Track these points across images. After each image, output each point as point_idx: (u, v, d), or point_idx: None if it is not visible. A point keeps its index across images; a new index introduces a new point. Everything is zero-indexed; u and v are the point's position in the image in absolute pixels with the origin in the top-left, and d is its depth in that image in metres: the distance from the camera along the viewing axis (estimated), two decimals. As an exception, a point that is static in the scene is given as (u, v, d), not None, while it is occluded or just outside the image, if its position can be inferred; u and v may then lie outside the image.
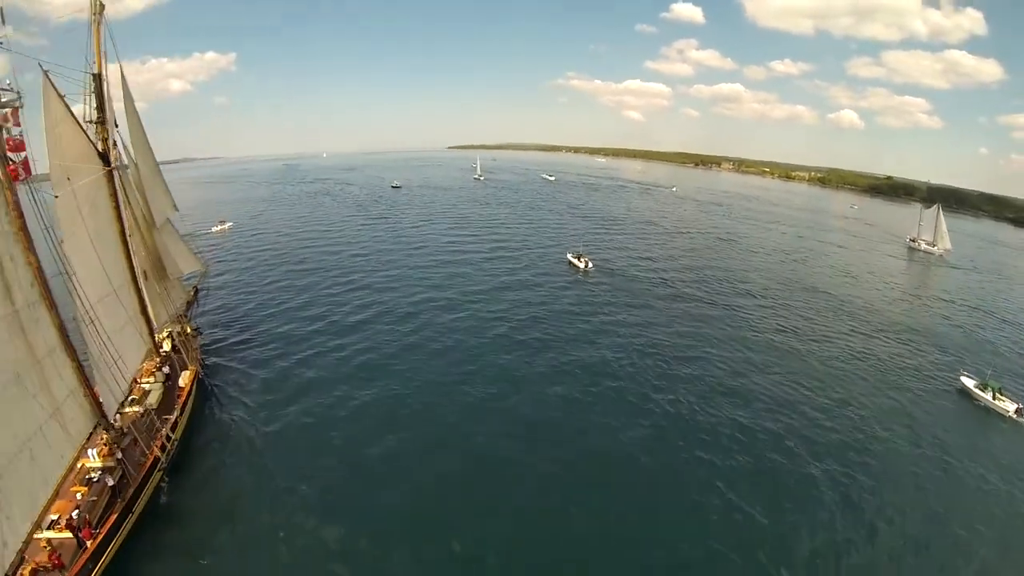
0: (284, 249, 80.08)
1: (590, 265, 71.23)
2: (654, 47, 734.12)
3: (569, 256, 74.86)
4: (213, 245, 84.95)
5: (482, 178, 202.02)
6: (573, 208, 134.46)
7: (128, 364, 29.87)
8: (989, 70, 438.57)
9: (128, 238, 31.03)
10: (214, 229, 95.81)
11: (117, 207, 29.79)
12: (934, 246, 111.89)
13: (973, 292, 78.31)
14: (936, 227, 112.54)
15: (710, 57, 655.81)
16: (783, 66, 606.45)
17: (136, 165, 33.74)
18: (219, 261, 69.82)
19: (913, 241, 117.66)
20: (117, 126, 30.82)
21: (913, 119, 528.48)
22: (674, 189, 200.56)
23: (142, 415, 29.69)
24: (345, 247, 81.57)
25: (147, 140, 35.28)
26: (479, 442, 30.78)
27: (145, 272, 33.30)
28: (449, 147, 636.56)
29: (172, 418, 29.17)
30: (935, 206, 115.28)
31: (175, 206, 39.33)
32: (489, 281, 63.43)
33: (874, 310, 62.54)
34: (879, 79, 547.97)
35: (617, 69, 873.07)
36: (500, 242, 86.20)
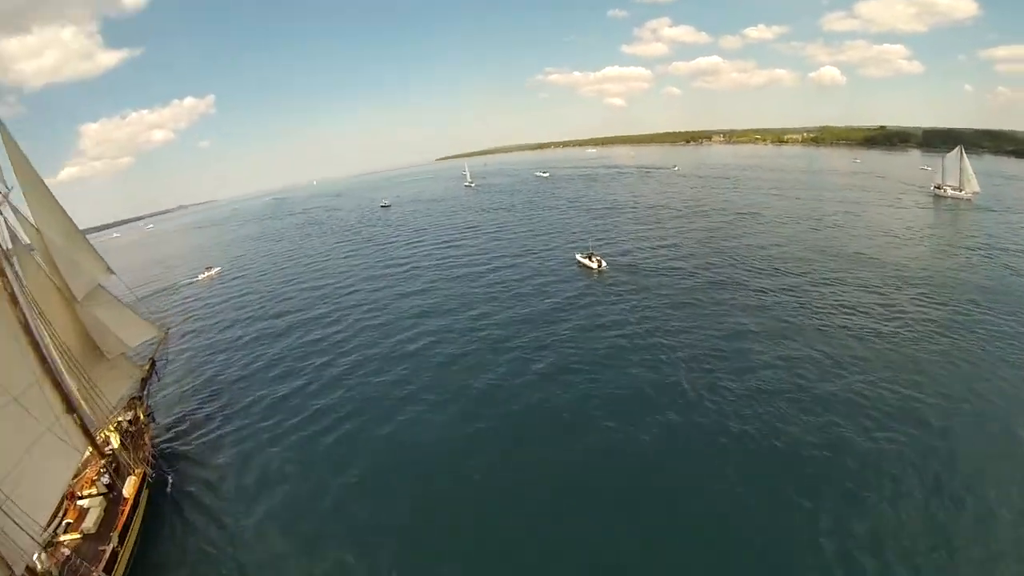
0: (267, 292, 73.75)
1: (604, 264, 64.14)
2: (627, 31, 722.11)
3: (579, 256, 67.70)
4: (193, 297, 79.25)
5: (473, 185, 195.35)
6: (574, 202, 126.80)
7: (55, 482, 23.28)
8: (963, 6, 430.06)
9: (34, 324, 24.49)
10: (201, 277, 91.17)
11: (11, 291, 23.28)
12: (961, 190, 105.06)
13: (1021, 235, 70.88)
14: (961, 171, 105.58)
15: (684, 33, 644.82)
16: (757, 32, 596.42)
17: (39, 232, 27.10)
18: (191, 318, 63.50)
19: (939, 188, 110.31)
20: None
21: (894, 67, 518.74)
22: (676, 168, 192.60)
23: (77, 548, 23.07)
24: (331, 280, 74.91)
25: (56, 204, 28.70)
26: (499, 542, 22.92)
27: (67, 359, 26.69)
28: (438, 159, 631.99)
29: (108, 549, 22.36)
30: (957, 149, 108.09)
31: (109, 269, 32.65)
32: (491, 301, 56.29)
33: (933, 271, 55.30)
34: (855, 31, 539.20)
35: (594, 58, 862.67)
36: (500, 252, 78.94)
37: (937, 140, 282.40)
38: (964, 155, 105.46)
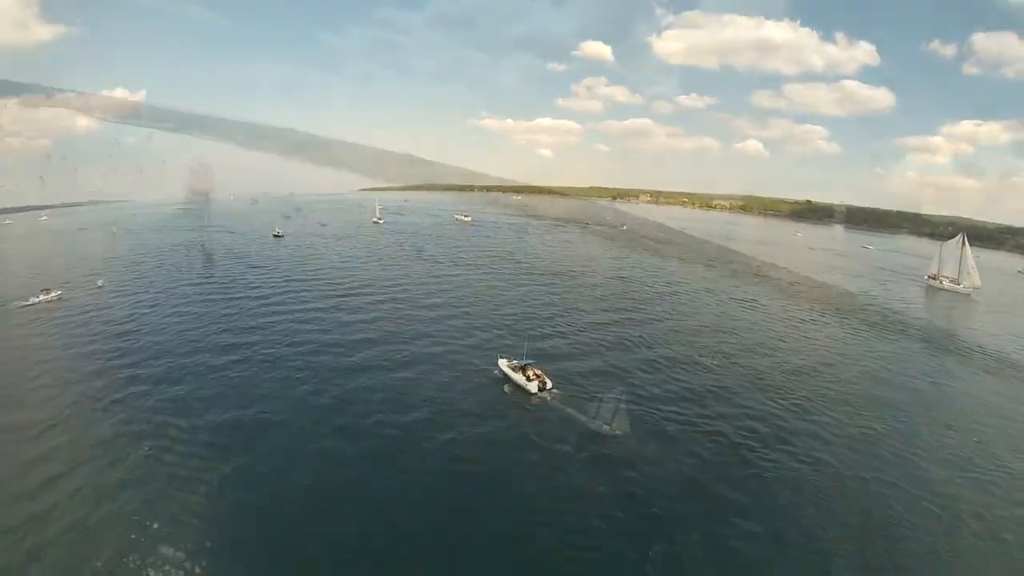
0: (70, 348, 47.35)
1: (549, 384, 37.63)
2: (564, 85, 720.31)
3: (504, 366, 40.38)
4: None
5: (381, 221, 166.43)
6: (504, 258, 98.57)
7: None
8: (881, 97, 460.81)
9: None
10: (34, 300, 64.67)
11: None
12: (959, 283, 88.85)
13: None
14: (961, 261, 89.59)
15: (619, 93, 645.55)
16: (690, 100, 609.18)
17: None
18: None
19: (934, 279, 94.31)
20: None
21: (814, 146, 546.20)
22: (623, 227, 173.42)
23: None
24: (145, 352, 45.79)
25: None
26: None
27: None
28: (361, 189, 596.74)
29: None
30: (959, 236, 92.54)
31: None
32: (352, 444, 28.72)
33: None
34: (780, 110, 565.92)
35: (528, 108, 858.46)
36: (386, 331, 50.21)
37: (859, 218, 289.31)
38: (966, 244, 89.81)
